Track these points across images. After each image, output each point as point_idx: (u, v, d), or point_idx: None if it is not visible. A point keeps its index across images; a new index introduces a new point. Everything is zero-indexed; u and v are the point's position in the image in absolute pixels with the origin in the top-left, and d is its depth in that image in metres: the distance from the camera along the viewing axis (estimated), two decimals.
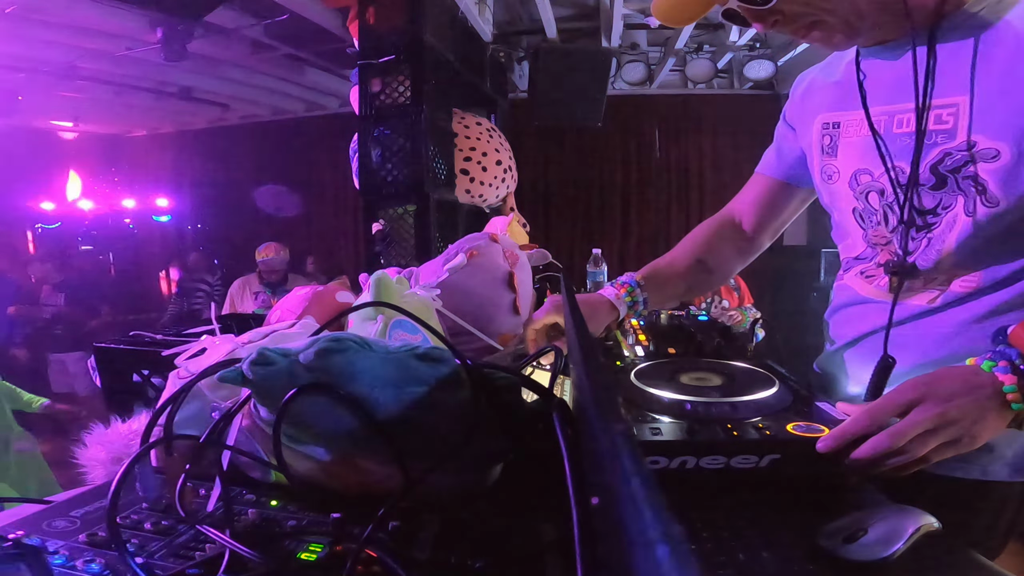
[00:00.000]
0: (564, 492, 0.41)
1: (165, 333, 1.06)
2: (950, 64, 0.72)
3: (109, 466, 0.66)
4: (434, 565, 0.48)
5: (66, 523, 0.54)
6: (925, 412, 0.58)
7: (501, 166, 2.78)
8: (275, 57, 4.01)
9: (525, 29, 3.73)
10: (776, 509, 0.58)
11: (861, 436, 0.58)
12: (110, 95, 4.54)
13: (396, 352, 0.60)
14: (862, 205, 0.85)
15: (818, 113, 0.90)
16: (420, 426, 0.57)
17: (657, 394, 0.72)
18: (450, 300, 0.98)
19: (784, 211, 1.08)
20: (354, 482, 0.59)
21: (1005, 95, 0.68)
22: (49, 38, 3.31)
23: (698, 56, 4.05)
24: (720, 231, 1.13)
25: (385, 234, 2.32)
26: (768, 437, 0.61)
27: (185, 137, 6.03)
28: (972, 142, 0.70)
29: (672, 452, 0.60)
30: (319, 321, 0.90)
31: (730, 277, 1.17)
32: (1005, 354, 0.60)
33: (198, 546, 0.50)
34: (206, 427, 0.61)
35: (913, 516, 0.52)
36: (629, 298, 1.03)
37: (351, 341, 0.60)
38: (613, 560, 0.22)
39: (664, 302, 1.13)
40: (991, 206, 0.71)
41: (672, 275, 1.10)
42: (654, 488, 0.20)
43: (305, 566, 0.48)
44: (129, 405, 0.94)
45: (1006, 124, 0.68)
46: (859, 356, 0.88)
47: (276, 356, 0.60)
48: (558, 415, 0.52)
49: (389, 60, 2.25)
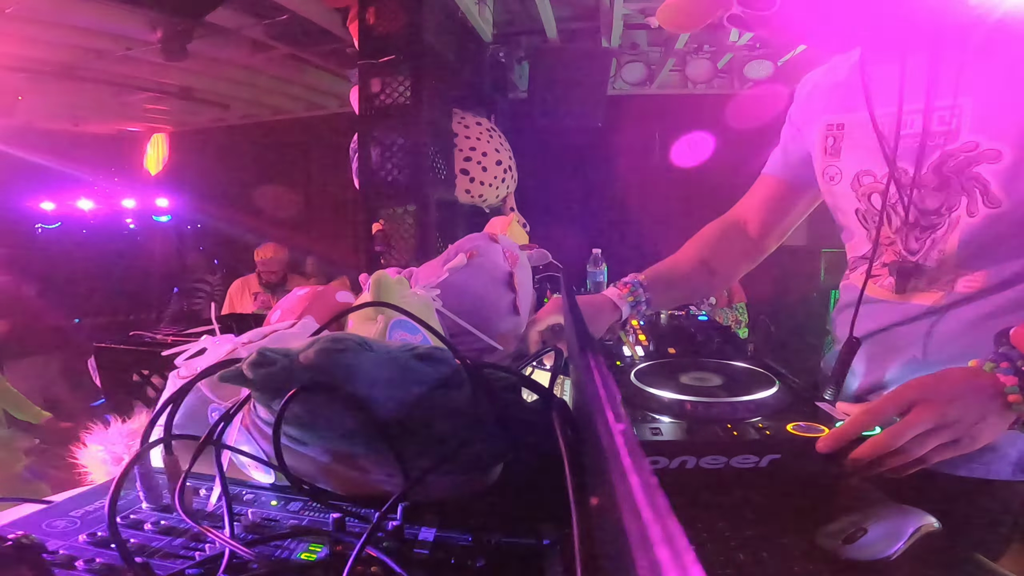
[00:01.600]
0: (564, 492, 0.41)
1: (165, 333, 1.06)
2: (952, 65, 0.72)
3: (109, 466, 0.66)
4: (434, 565, 0.48)
5: (66, 523, 0.54)
6: (925, 412, 0.58)
7: (501, 166, 2.78)
8: (275, 57, 4.01)
9: (525, 29, 3.73)
10: (776, 509, 0.58)
11: (861, 436, 0.58)
12: (110, 95, 4.54)
13: (396, 352, 0.60)
14: (864, 206, 0.86)
15: (822, 115, 0.91)
16: (420, 426, 0.57)
17: (657, 394, 0.72)
18: (450, 300, 0.98)
19: (791, 213, 1.08)
20: (354, 482, 0.59)
21: (1006, 96, 0.68)
22: (49, 38, 3.31)
23: (698, 56, 4.05)
24: (725, 233, 1.13)
25: (385, 234, 2.32)
26: (768, 437, 0.61)
27: (185, 137, 6.03)
28: (974, 143, 0.71)
29: (672, 452, 0.60)
30: (319, 321, 0.90)
31: (735, 279, 1.17)
32: (1007, 355, 0.60)
33: (198, 546, 0.50)
34: (206, 427, 0.61)
35: (913, 516, 0.52)
36: (631, 298, 1.03)
37: (351, 341, 0.60)
38: (613, 560, 0.22)
39: (668, 303, 1.13)
40: (993, 207, 0.71)
41: (676, 276, 1.10)
42: (655, 488, 0.20)
43: (305, 566, 0.48)
44: (129, 405, 0.94)
45: (1007, 125, 0.68)
46: (864, 355, 0.89)
47: (276, 356, 0.60)
48: (558, 415, 0.52)
49: (389, 60, 2.25)
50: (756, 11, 0.74)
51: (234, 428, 0.62)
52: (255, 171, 5.69)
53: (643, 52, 4.14)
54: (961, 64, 0.72)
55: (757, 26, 0.77)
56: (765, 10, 0.73)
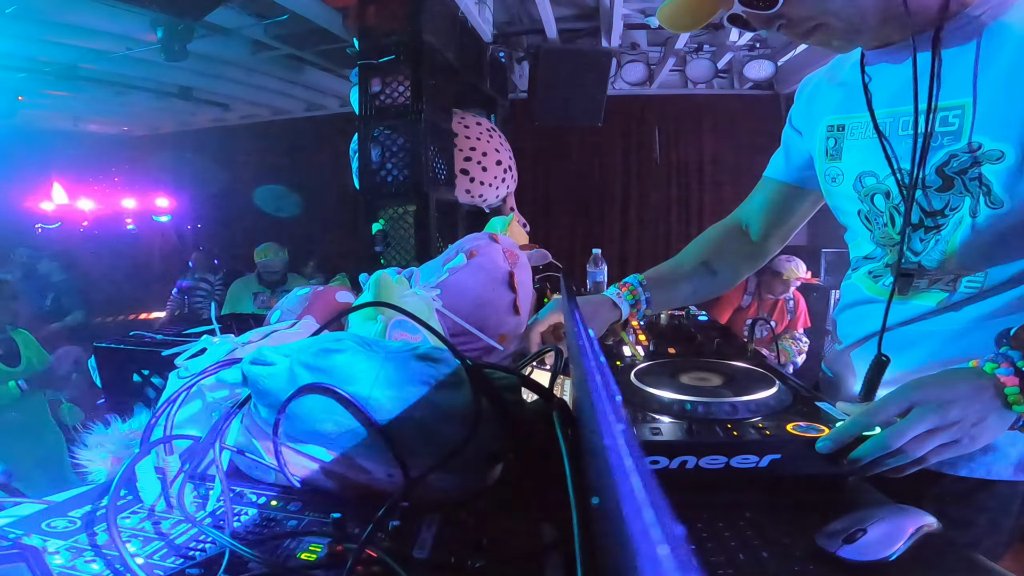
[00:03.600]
0: (564, 492, 0.41)
1: (165, 333, 1.06)
2: (955, 66, 0.72)
3: (109, 466, 0.66)
4: (434, 565, 0.48)
5: (66, 523, 0.54)
6: (924, 413, 0.58)
7: (501, 166, 2.78)
8: (275, 57, 4.00)
9: (525, 29, 3.73)
10: (776, 509, 0.58)
11: (860, 436, 0.58)
12: (110, 95, 4.54)
13: (396, 352, 0.60)
14: (867, 207, 0.86)
15: (823, 116, 0.91)
16: (420, 426, 0.57)
17: (657, 394, 0.72)
18: (450, 300, 0.98)
19: (794, 215, 1.08)
20: (354, 482, 0.59)
21: (1008, 97, 0.68)
22: (49, 38, 3.31)
23: (698, 56, 4.04)
24: (727, 235, 1.13)
25: (385, 234, 2.32)
26: (768, 437, 0.61)
27: (185, 137, 6.03)
28: (976, 144, 0.71)
29: (672, 452, 0.60)
30: (319, 321, 0.90)
31: (737, 281, 1.17)
32: (1007, 356, 0.60)
33: (198, 546, 0.50)
34: (206, 427, 0.61)
35: (913, 516, 0.52)
36: (630, 296, 1.03)
37: (351, 341, 0.60)
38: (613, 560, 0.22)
39: (669, 304, 1.13)
40: (996, 207, 0.71)
41: (676, 276, 1.10)
42: (655, 488, 0.20)
43: (305, 566, 0.48)
44: (129, 405, 0.94)
45: (1010, 126, 0.68)
46: (866, 356, 0.89)
47: (276, 356, 0.60)
48: (558, 415, 0.52)
49: (389, 60, 2.25)
50: (756, 10, 0.74)
51: (234, 428, 0.62)
52: (255, 171, 5.68)
53: (643, 52, 4.14)
54: (964, 65, 0.72)
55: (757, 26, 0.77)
56: (767, 10, 0.73)
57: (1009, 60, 0.69)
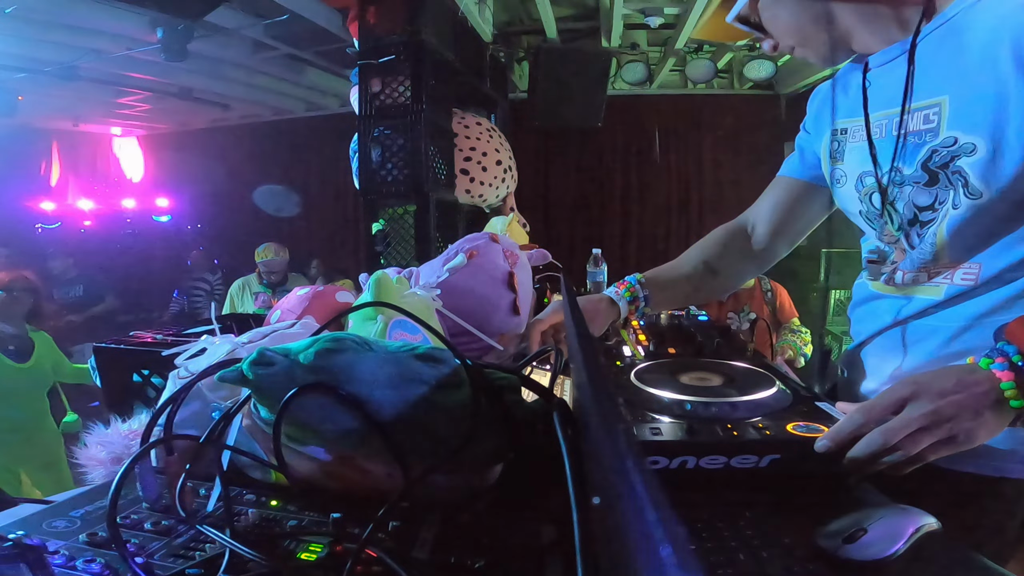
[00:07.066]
0: (564, 492, 0.41)
1: (165, 333, 1.06)
2: (933, 66, 0.76)
3: (109, 466, 0.66)
4: (434, 565, 0.48)
5: (66, 523, 0.54)
6: (917, 409, 0.58)
7: (501, 166, 2.78)
8: (275, 57, 4.01)
9: (525, 29, 3.73)
10: (776, 509, 0.58)
11: (857, 435, 0.58)
12: (110, 95, 4.54)
13: (396, 352, 0.60)
14: (866, 207, 0.88)
15: (830, 122, 0.94)
16: (420, 426, 0.57)
17: (657, 394, 0.72)
18: (450, 300, 0.98)
19: (804, 216, 1.07)
20: (354, 482, 0.59)
21: (977, 91, 0.72)
22: (49, 38, 3.31)
23: (698, 56, 4.04)
24: (731, 236, 1.13)
25: (385, 234, 2.32)
26: (768, 437, 0.61)
27: (185, 137, 6.03)
28: (953, 138, 0.74)
29: (672, 452, 0.60)
30: (319, 321, 0.90)
31: (739, 283, 1.17)
32: (1003, 351, 0.60)
33: (198, 546, 0.50)
34: (206, 427, 0.61)
35: (913, 516, 0.52)
36: (628, 294, 1.04)
37: (351, 341, 0.60)
38: (614, 560, 0.22)
39: (669, 303, 1.13)
40: (974, 198, 0.74)
41: (676, 276, 1.10)
42: (656, 488, 0.20)
43: (305, 566, 0.48)
44: (129, 405, 0.94)
45: (980, 119, 0.71)
46: (875, 353, 0.90)
47: (276, 356, 0.60)
48: (558, 415, 0.52)
49: (389, 60, 2.25)
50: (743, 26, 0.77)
51: (234, 428, 0.62)
52: (255, 171, 5.68)
53: (643, 52, 4.13)
54: (941, 64, 0.75)
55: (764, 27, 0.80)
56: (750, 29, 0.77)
57: (977, 56, 0.72)
